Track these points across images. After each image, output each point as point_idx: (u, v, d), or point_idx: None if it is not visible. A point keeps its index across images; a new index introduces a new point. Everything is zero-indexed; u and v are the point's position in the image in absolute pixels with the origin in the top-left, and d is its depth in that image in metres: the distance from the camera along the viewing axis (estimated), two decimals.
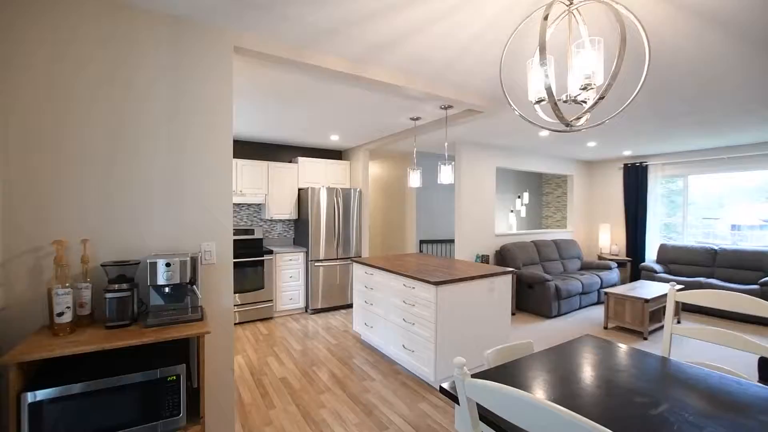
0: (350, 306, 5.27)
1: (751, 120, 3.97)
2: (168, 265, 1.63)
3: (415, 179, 3.77)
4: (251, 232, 5.06)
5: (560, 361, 1.56)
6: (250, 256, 4.57)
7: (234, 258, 4.40)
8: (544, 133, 4.69)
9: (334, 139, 5.13)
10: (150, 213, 1.81)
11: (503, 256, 5.45)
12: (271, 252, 4.72)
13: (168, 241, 1.85)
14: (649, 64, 1.23)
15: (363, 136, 4.89)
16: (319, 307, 4.99)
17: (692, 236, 6.18)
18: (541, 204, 8.60)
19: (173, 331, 1.50)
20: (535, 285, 4.94)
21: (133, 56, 1.76)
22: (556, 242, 6.23)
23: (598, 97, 1.17)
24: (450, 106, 3.40)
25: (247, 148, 5.22)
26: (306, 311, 5.05)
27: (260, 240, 5.13)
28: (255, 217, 5.28)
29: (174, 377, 1.43)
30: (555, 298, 4.83)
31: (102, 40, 1.70)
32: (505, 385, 0.81)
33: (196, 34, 1.91)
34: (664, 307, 4.25)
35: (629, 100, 1.27)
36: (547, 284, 4.81)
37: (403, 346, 3.13)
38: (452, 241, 6.84)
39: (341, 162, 5.67)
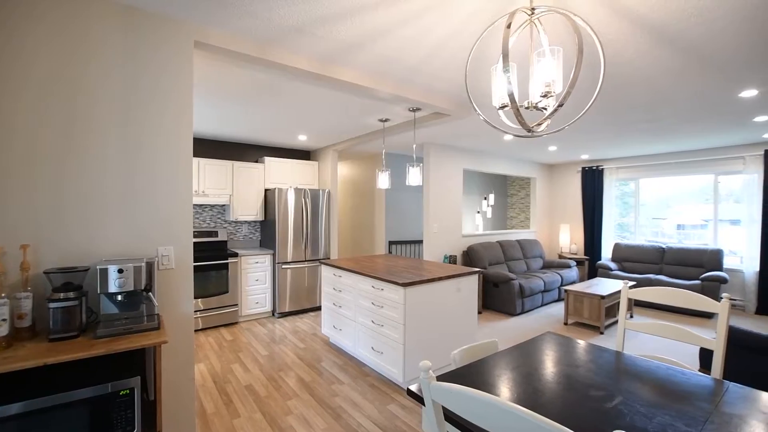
0: (319, 308, 5.19)
1: (695, 129, 4.30)
2: (120, 271, 1.53)
3: (383, 180, 3.77)
4: (215, 234, 4.88)
5: (523, 358, 1.61)
6: (214, 259, 4.40)
7: (196, 261, 4.29)
8: (508, 137, 4.85)
9: (302, 139, 5.04)
10: (102, 216, 1.69)
11: (470, 256, 5.57)
12: (236, 254, 4.57)
13: (122, 246, 1.73)
14: (604, 74, 1.30)
15: (332, 136, 4.84)
16: (287, 310, 4.88)
17: (643, 235, 6.60)
18: (506, 205, 8.89)
19: (126, 342, 1.41)
20: (500, 284, 5.08)
21: (84, 50, 1.64)
22: (520, 242, 6.45)
23: (557, 104, 1.22)
24: (418, 109, 3.43)
25: (210, 147, 5.02)
26: (273, 315, 4.93)
27: (224, 242, 4.95)
28: (219, 218, 5.09)
29: (127, 391, 1.34)
30: (519, 297, 5.00)
31: (50, 33, 1.57)
32: (469, 388, 0.82)
33: (153, 26, 1.81)
34: (619, 302, 4.51)
35: (586, 108, 1.33)
36: (511, 283, 4.97)
37: (372, 347, 3.12)
38: (421, 241, 6.92)
39: (309, 162, 5.58)
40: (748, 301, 5.24)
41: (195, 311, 4.25)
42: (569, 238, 7.31)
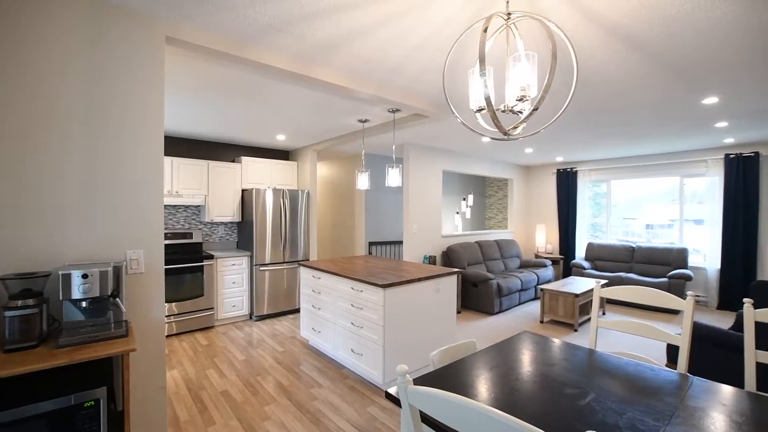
0: (298, 311, 5.12)
1: (662, 133, 4.49)
2: (85, 276, 1.45)
3: (363, 181, 3.76)
4: (189, 235, 4.73)
5: (500, 358, 1.64)
6: (188, 261, 4.27)
7: (169, 264, 4.15)
8: (486, 139, 4.92)
9: (280, 139, 4.96)
10: (65, 219, 1.60)
11: (449, 257, 5.63)
12: (211, 257, 4.44)
13: (87, 250, 1.65)
14: (577, 80, 1.33)
15: (311, 136, 4.79)
16: (265, 313, 4.79)
17: (615, 235, 6.84)
18: (484, 206, 9.03)
19: (91, 351, 1.34)
20: (479, 284, 5.15)
21: (46, 41, 1.55)
22: (498, 242, 6.56)
23: (532, 108, 1.24)
24: (398, 110, 3.44)
25: (184, 146, 4.87)
26: (251, 318, 4.82)
27: (199, 244, 4.81)
28: (194, 219, 4.94)
29: (92, 402, 1.28)
30: (497, 296, 5.09)
31: (4, 27, 1.48)
32: (445, 392, 0.82)
33: (121, 19, 1.73)
34: (592, 300, 4.65)
35: (560, 112, 1.36)
36: (489, 283, 5.05)
37: (352, 350, 3.10)
38: (401, 242, 6.93)
39: (288, 162, 5.50)
40: (711, 297, 5.52)
41: (169, 316, 4.11)
42: (545, 238, 7.49)
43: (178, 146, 4.81)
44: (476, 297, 5.21)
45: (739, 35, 2.01)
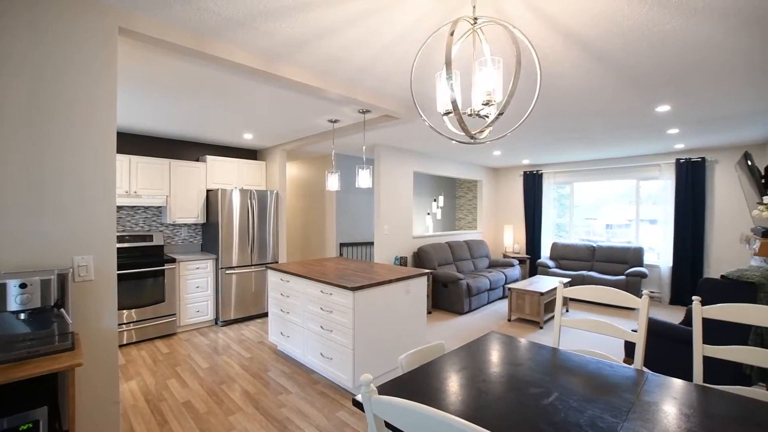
0: (267, 315, 4.98)
1: (620, 139, 4.72)
2: (23, 285, 1.33)
3: (333, 182, 3.71)
4: (149, 238, 4.50)
5: (469, 359, 1.65)
6: (148, 265, 4.05)
7: (128, 269, 3.92)
8: (456, 141, 4.99)
9: (247, 138, 4.82)
10: (2, 223, 1.46)
11: (420, 258, 5.67)
12: (173, 260, 4.24)
13: (28, 257, 1.51)
14: (540, 85, 1.36)
15: (279, 136, 4.68)
16: (232, 318, 4.63)
17: (577, 234, 7.14)
18: (455, 207, 9.18)
19: (31, 368, 1.23)
20: (449, 284, 5.22)
21: None
22: (467, 242, 6.68)
23: (498, 113, 1.25)
24: (368, 111, 3.42)
25: (144, 144, 4.62)
26: (216, 323, 4.65)
27: (160, 247, 4.58)
28: (154, 221, 4.70)
29: (30, 425, 1.17)
30: (467, 296, 5.17)
31: None
32: (409, 402, 0.81)
33: (70, 8, 1.60)
34: (556, 299, 4.82)
35: (524, 117, 1.39)
36: (459, 283, 5.12)
37: (321, 354, 3.05)
38: (372, 243, 6.91)
39: (256, 162, 5.35)
40: (664, 293, 5.87)
41: (128, 323, 3.88)
42: (512, 238, 7.71)
43: (138, 144, 4.56)
44: (447, 297, 5.27)
45: (688, 49, 2.13)
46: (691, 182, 5.57)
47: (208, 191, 4.84)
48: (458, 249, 6.32)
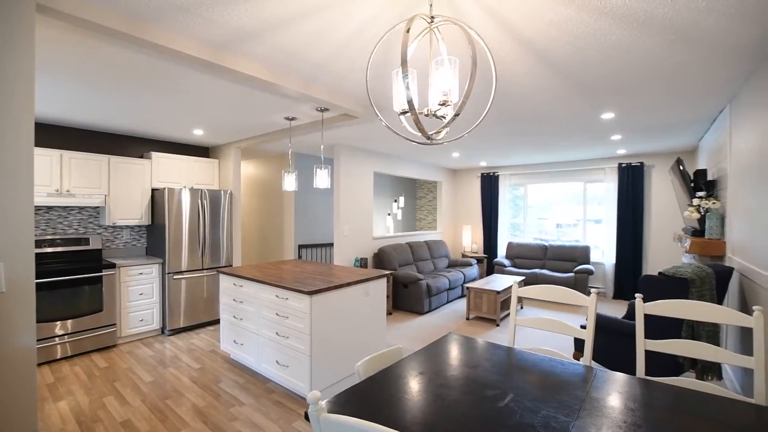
0: (220, 322, 4.73)
1: (569, 143, 4.97)
2: None
3: (290, 182, 3.57)
4: (84, 241, 4.10)
5: (427, 363, 1.62)
6: (84, 272, 3.69)
7: (59, 275, 3.55)
8: (416, 142, 5.02)
9: (198, 134, 4.54)
10: None
11: (381, 259, 5.64)
12: (113, 265, 3.89)
13: None
14: (496, 88, 1.36)
15: (233, 132, 4.45)
16: (181, 326, 4.33)
17: (531, 234, 7.46)
18: (415, 207, 9.26)
19: None
20: (409, 284, 5.23)
21: None
22: (427, 243, 6.75)
23: (454, 113, 1.23)
24: (326, 109, 3.33)
25: (80, 138, 4.21)
26: (163, 333, 4.33)
27: (98, 251, 4.20)
28: (91, 222, 4.30)
29: None
30: (426, 296, 5.21)
31: None
32: (359, 421, 0.75)
33: None
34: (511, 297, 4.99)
35: (480, 119, 1.38)
36: (420, 283, 5.15)
37: (277, 361, 2.92)
38: (332, 244, 6.79)
39: (208, 160, 5.06)
40: (608, 288, 6.27)
41: (61, 335, 3.51)
42: (471, 238, 7.90)
43: (72, 138, 4.15)
44: (407, 297, 5.28)
45: (630, 59, 2.26)
46: (632, 185, 6.00)
47: (153, 190, 4.51)
48: (418, 249, 6.37)
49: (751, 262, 2.45)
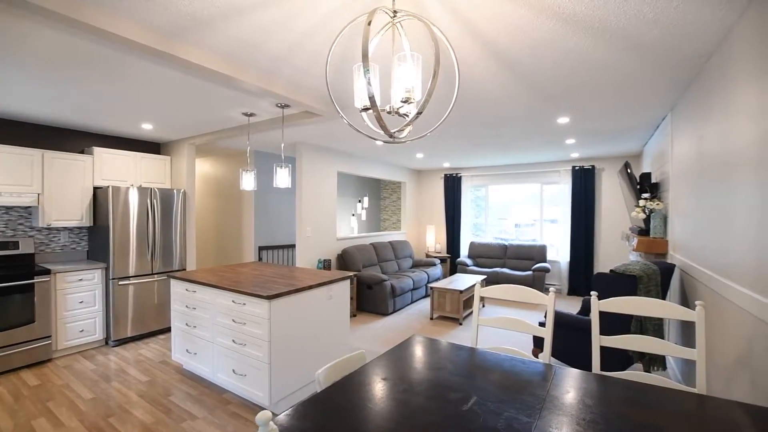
0: None
1: (526, 146, 5.15)
2: None
3: (248, 181, 3.41)
4: (13, 245, 3.69)
5: (390, 368, 1.58)
6: (11, 279, 3.31)
7: None
8: (380, 142, 4.99)
9: (147, 129, 4.23)
10: None
11: (345, 260, 5.56)
12: (47, 271, 3.53)
13: None
14: (459, 87, 1.35)
15: (187, 128, 4.19)
16: (128, 335, 4.01)
17: (492, 233, 7.67)
18: (379, 208, 9.25)
19: None
20: (374, 285, 5.19)
21: None
22: (392, 243, 6.74)
23: (417, 112, 1.20)
24: (287, 105, 3.21)
25: (7, 130, 3.77)
26: (107, 343, 3.99)
27: (29, 256, 3.79)
28: (21, 224, 3.87)
29: None
30: (391, 296, 5.19)
31: None
32: None
33: None
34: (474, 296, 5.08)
35: (443, 118, 1.36)
36: (384, 284, 5.12)
37: (234, 371, 2.76)
38: (294, 246, 6.61)
39: (159, 157, 4.73)
40: (563, 285, 6.57)
41: None
42: (434, 238, 8.00)
43: None
44: (371, 299, 5.23)
45: (586, 66, 2.35)
46: (584, 187, 6.33)
47: (96, 189, 4.15)
48: (383, 250, 6.34)
49: (691, 259, 2.64)
